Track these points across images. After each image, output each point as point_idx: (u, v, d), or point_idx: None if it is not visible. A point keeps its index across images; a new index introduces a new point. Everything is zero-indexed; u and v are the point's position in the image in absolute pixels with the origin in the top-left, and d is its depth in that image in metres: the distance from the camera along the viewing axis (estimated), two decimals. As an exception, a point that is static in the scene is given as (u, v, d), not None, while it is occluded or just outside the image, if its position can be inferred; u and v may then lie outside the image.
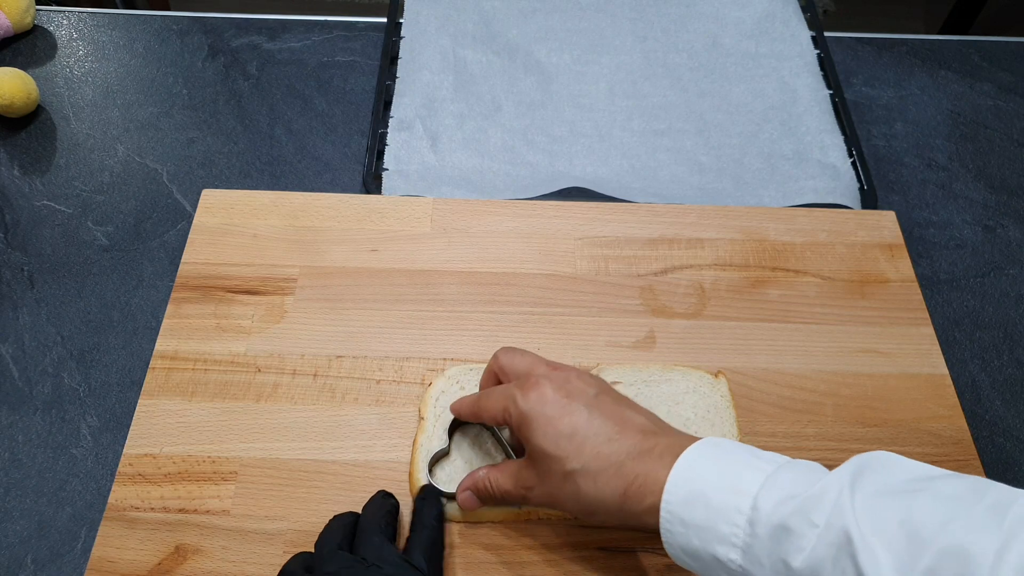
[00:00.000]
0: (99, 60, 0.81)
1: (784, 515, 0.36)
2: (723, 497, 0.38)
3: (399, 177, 0.71)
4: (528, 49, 0.82)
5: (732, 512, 0.38)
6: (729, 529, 0.38)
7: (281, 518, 0.51)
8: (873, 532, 0.34)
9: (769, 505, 0.37)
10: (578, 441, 0.43)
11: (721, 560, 0.38)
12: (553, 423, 0.44)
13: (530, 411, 0.45)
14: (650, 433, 0.43)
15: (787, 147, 0.75)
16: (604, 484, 0.42)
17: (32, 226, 0.68)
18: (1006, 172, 0.75)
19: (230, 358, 0.58)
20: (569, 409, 0.44)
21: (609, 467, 0.42)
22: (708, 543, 0.38)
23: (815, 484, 0.37)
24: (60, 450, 0.56)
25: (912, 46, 0.85)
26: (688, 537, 0.39)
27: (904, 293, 0.63)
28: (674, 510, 0.39)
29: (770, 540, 0.36)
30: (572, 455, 0.43)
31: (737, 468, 0.39)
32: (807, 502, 0.36)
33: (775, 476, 0.38)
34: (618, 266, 0.64)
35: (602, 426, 0.43)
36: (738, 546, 0.37)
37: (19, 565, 0.52)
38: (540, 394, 0.45)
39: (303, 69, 0.81)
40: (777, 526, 0.36)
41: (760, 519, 0.37)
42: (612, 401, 0.45)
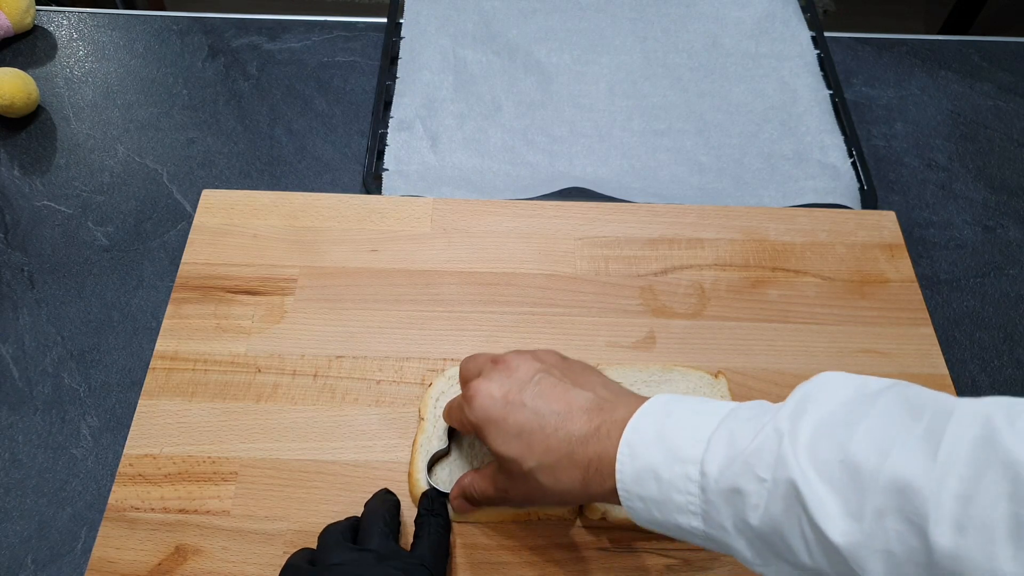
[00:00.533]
0: (99, 60, 0.81)
1: (732, 477, 0.36)
2: (672, 467, 0.38)
3: (399, 177, 0.71)
4: (528, 49, 0.82)
5: (683, 482, 0.37)
6: (684, 499, 0.38)
7: (281, 518, 0.51)
8: (818, 477, 0.33)
9: (715, 469, 0.37)
10: (526, 439, 0.43)
11: (684, 528, 0.38)
12: (500, 426, 0.44)
13: (477, 419, 0.45)
14: (594, 411, 0.42)
15: (787, 147, 0.75)
16: (563, 475, 0.42)
17: (32, 226, 0.68)
18: (1006, 172, 0.75)
19: (230, 358, 0.58)
20: (511, 408, 0.44)
21: (562, 458, 0.42)
22: (669, 514, 0.38)
23: (756, 435, 0.36)
24: (60, 450, 0.56)
25: (912, 46, 0.85)
26: (649, 511, 0.39)
27: (904, 293, 0.63)
28: (629, 488, 0.39)
29: (725, 504, 0.36)
30: (525, 454, 0.43)
31: (679, 433, 0.39)
32: (751, 458, 0.36)
33: (717, 435, 0.37)
34: (618, 266, 0.64)
35: (547, 416, 0.43)
36: (697, 513, 0.37)
37: (19, 565, 0.52)
38: (481, 400, 0.45)
39: (303, 69, 0.81)
40: (728, 489, 0.36)
41: (710, 485, 0.37)
42: (554, 382, 0.44)
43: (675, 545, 0.51)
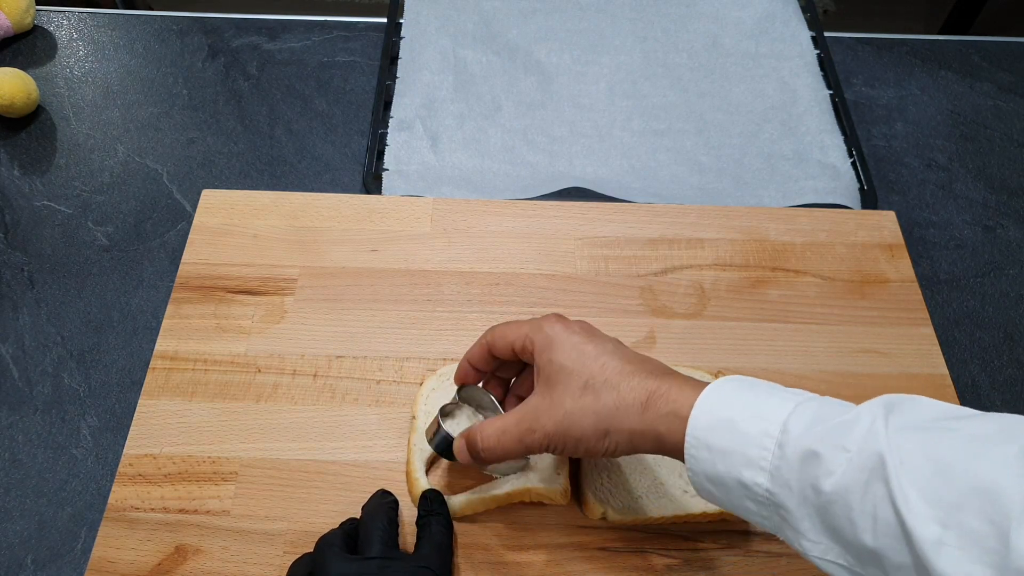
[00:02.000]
0: (99, 60, 0.81)
1: (814, 439, 0.36)
2: (751, 422, 0.38)
3: (399, 177, 0.71)
4: (528, 49, 0.82)
5: (761, 436, 0.38)
6: (757, 453, 0.37)
7: (281, 518, 0.51)
8: (902, 462, 0.34)
9: (799, 429, 0.37)
10: (602, 360, 0.43)
11: (747, 484, 0.38)
12: (578, 347, 0.44)
13: (556, 335, 0.45)
14: (669, 369, 0.44)
15: (787, 147, 0.75)
16: (627, 392, 0.42)
17: (32, 226, 0.68)
18: (1006, 172, 0.75)
19: (230, 358, 0.58)
20: (594, 338, 0.45)
21: (632, 379, 0.42)
22: (734, 467, 0.38)
23: (846, 412, 0.36)
24: (60, 450, 0.56)
25: (912, 46, 0.85)
26: (713, 462, 0.39)
27: (904, 293, 0.63)
28: (700, 435, 0.39)
29: (800, 463, 0.36)
30: (596, 370, 0.43)
31: (765, 397, 0.39)
32: (839, 427, 0.36)
33: (804, 404, 0.38)
34: (618, 266, 0.64)
35: (625, 353, 0.44)
36: (766, 469, 0.37)
37: (19, 565, 0.52)
38: (566, 325, 0.46)
39: (303, 69, 0.81)
40: (807, 450, 0.36)
41: (789, 442, 0.37)
42: (631, 350, 0.46)
43: (675, 545, 0.51)
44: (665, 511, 0.51)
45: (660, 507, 0.51)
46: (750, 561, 0.50)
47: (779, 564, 0.50)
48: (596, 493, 0.51)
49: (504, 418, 0.45)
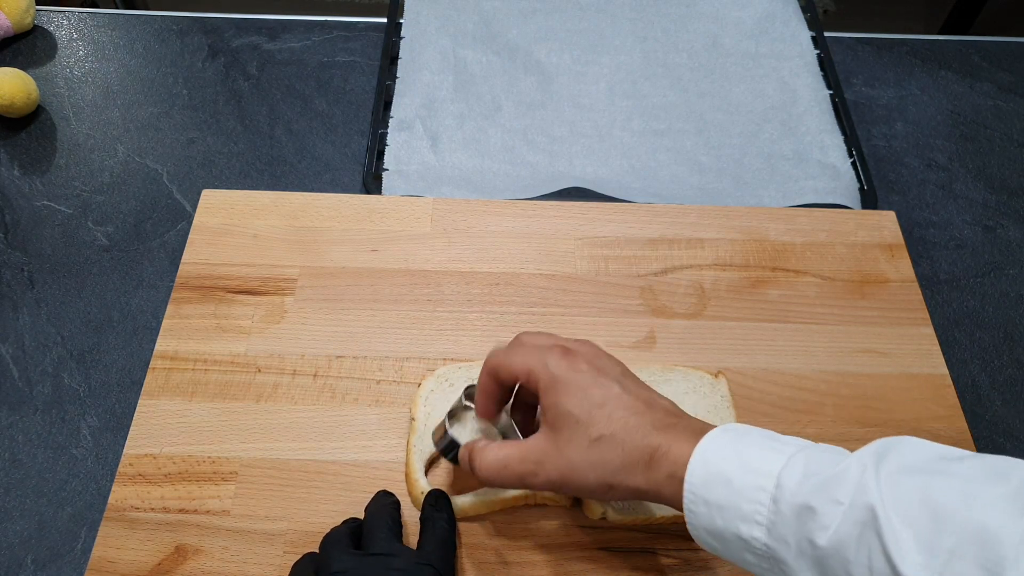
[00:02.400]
0: (99, 60, 0.81)
1: (807, 493, 0.36)
2: (745, 477, 0.38)
3: (399, 177, 0.71)
4: (528, 49, 0.82)
5: (755, 491, 0.38)
6: (752, 508, 0.38)
7: (281, 518, 0.51)
8: (896, 510, 0.34)
9: (792, 483, 0.37)
10: (608, 410, 0.43)
11: (745, 539, 0.38)
12: (585, 390, 0.44)
13: (562, 376, 0.44)
14: (673, 414, 0.44)
15: (787, 147, 0.75)
16: (631, 450, 0.42)
17: (32, 226, 0.68)
18: (1006, 172, 0.75)
19: (230, 358, 0.58)
20: (600, 381, 0.44)
21: (636, 435, 0.42)
22: (731, 522, 0.38)
23: (838, 464, 0.37)
24: (60, 450, 0.56)
25: (912, 46, 0.85)
26: (711, 517, 0.39)
27: (904, 293, 0.63)
28: (696, 491, 0.39)
29: (795, 519, 0.36)
30: (602, 422, 0.43)
31: (758, 450, 0.39)
32: (831, 480, 0.36)
33: (797, 456, 0.38)
34: (618, 266, 0.64)
35: (631, 401, 0.43)
36: (762, 524, 0.38)
37: (19, 565, 0.52)
38: (572, 362, 0.45)
39: (303, 69, 0.81)
40: (801, 505, 0.36)
41: (784, 497, 0.37)
42: (637, 384, 0.46)
43: (675, 545, 0.51)
44: (666, 511, 0.50)
45: (661, 507, 0.51)
46: (750, 561, 0.50)
47: (779, 564, 0.50)
48: None
49: (508, 450, 0.45)
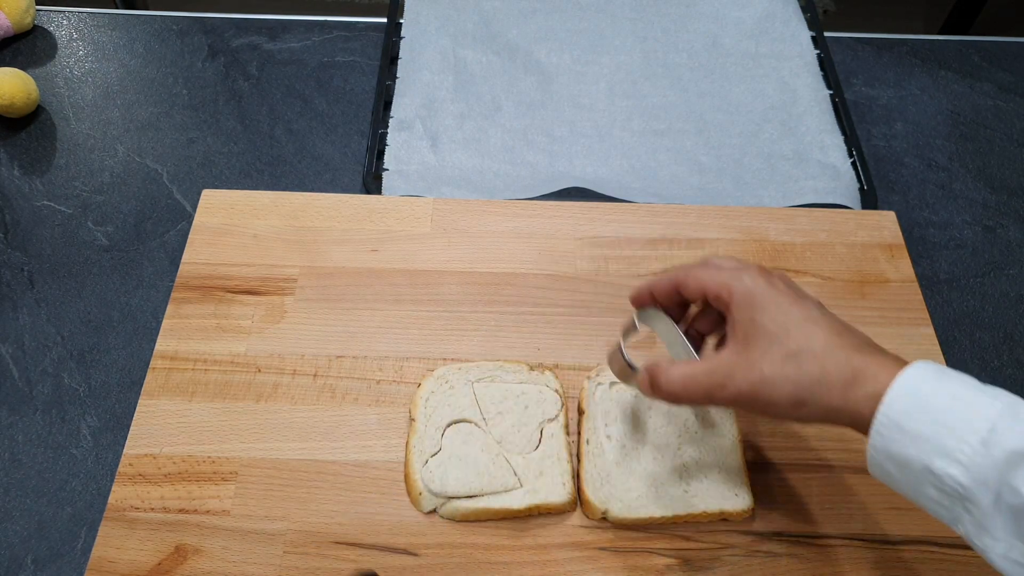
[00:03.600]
0: (99, 60, 0.81)
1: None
2: (957, 414, 0.37)
3: (399, 177, 0.71)
4: (528, 49, 0.82)
5: (964, 429, 0.36)
6: (956, 445, 0.36)
7: (281, 518, 0.51)
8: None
9: (1009, 430, 0.36)
10: (809, 328, 0.42)
11: (936, 473, 0.37)
12: (783, 307, 0.43)
13: (760, 291, 0.44)
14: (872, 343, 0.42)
15: (787, 147, 0.75)
16: (833, 367, 0.40)
17: (32, 226, 0.68)
18: (1006, 172, 0.75)
19: (230, 358, 0.58)
20: (800, 299, 0.43)
21: (840, 353, 0.41)
22: (926, 454, 0.37)
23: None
24: (60, 450, 0.56)
25: (912, 46, 0.85)
26: (903, 444, 0.38)
27: (904, 293, 0.63)
28: (894, 416, 0.38)
29: (1005, 463, 0.35)
30: (801, 338, 0.41)
31: (972, 392, 0.38)
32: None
33: (1016, 406, 0.37)
34: (618, 266, 0.64)
35: (831, 322, 0.43)
36: (962, 463, 0.36)
37: (19, 565, 0.52)
38: (770, 280, 0.44)
39: (303, 69, 0.81)
40: (1016, 452, 0.35)
41: (996, 441, 0.36)
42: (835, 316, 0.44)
43: (675, 545, 0.51)
44: (666, 511, 0.51)
45: (661, 507, 0.51)
46: (750, 561, 0.50)
47: (779, 564, 0.50)
48: (596, 493, 0.51)
49: (693, 365, 0.44)
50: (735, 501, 0.51)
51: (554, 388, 0.56)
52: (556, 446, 0.53)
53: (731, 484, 0.52)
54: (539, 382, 0.56)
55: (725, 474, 0.52)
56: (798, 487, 0.53)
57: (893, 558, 0.51)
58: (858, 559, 0.51)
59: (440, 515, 0.51)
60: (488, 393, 0.55)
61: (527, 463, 0.53)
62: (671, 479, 0.52)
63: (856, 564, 0.50)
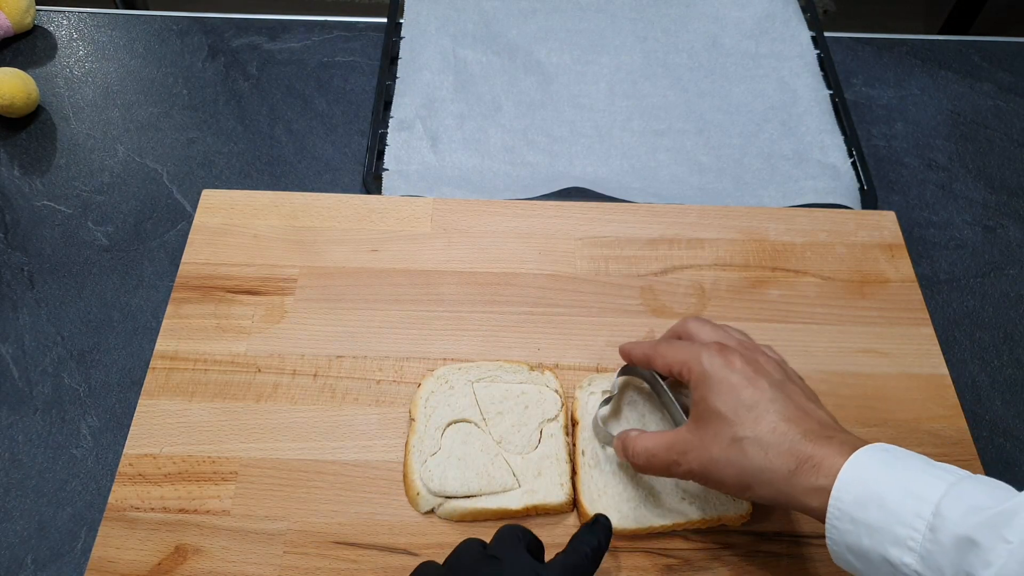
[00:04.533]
0: (99, 60, 0.81)
1: (971, 526, 0.35)
2: (902, 500, 0.37)
3: (399, 177, 0.71)
4: (528, 49, 0.82)
5: (911, 516, 0.37)
6: (906, 532, 0.37)
7: (281, 518, 0.51)
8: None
9: (955, 514, 0.36)
10: (757, 413, 0.42)
11: (893, 563, 0.37)
12: (735, 390, 0.43)
13: (715, 372, 0.44)
14: (828, 426, 0.42)
15: (787, 147, 0.75)
16: (775, 457, 0.41)
17: (32, 226, 0.68)
18: (1006, 172, 0.75)
19: (230, 358, 0.58)
20: (754, 382, 0.44)
21: (784, 442, 0.41)
22: (880, 544, 0.37)
23: (1007, 500, 0.35)
24: (60, 450, 0.56)
25: (912, 46, 0.85)
26: (858, 536, 0.38)
27: (904, 293, 0.63)
28: (844, 508, 0.38)
29: (954, 550, 0.35)
30: (748, 423, 0.42)
31: (916, 474, 0.38)
32: (998, 517, 0.35)
33: (959, 486, 0.37)
34: (618, 266, 0.64)
35: (784, 406, 0.43)
36: (915, 551, 0.36)
37: (19, 565, 0.52)
38: (728, 360, 0.45)
39: (303, 69, 0.81)
40: (963, 537, 0.35)
41: (943, 527, 0.36)
42: (797, 391, 0.45)
43: (675, 545, 0.51)
44: (664, 520, 0.50)
45: (659, 515, 0.51)
46: (750, 561, 0.50)
47: (779, 565, 0.50)
48: (593, 505, 0.51)
49: (656, 440, 0.46)
50: (733, 507, 0.51)
51: (554, 388, 0.56)
52: (555, 446, 0.53)
53: None
54: (539, 382, 0.56)
55: None
56: (798, 487, 0.53)
57: (893, 558, 0.51)
58: (858, 559, 0.51)
59: (438, 515, 0.51)
60: (488, 393, 0.55)
61: (526, 463, 0.52)
62: (668, 488, 0.52)
63: (856, 564, 0.50)
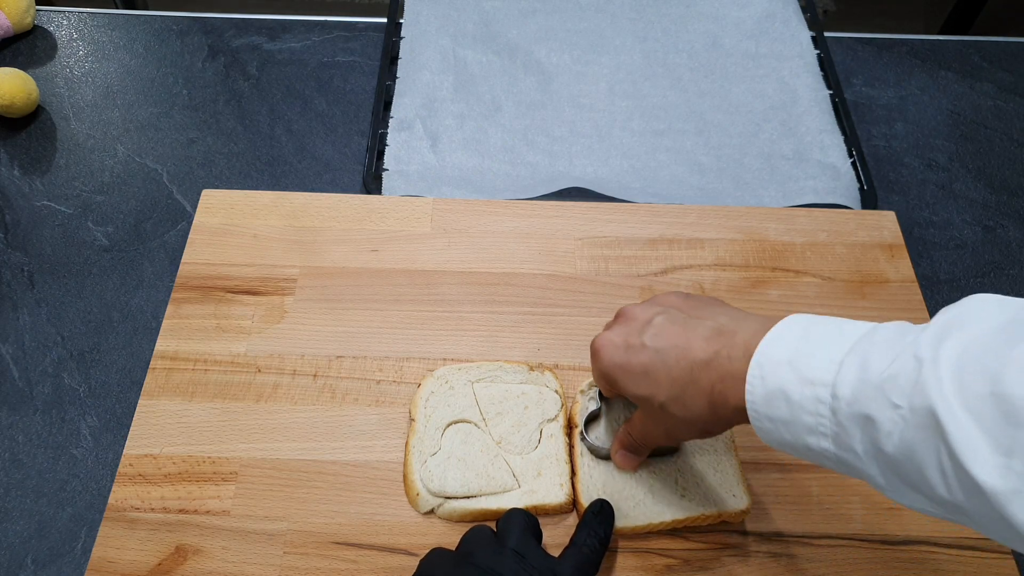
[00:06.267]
0: (99, 60, 0.81)
1: (864, 402, 0.34)
2: (803, 390, 0.37)
3: (399, 177, 0.71)
4: (528, 49, 0.82)
5: (812, 403, 0.36)
6: (814, 420, 0.37)
7: (281, 518, 0.51)
8: (963, 409, 0.31)
9: (847, 392, 0.35)
10: (653, 375, 0.44)
11: (814, 450, 0.37)
12: (626, 369, 0.45)
13: (605, 369, 0.47)
14: (713, 338, 0.42)
15: (787, 147, 0.75)
16: (691, 402, 0.42)
17: (32, 226, 0.68)
18: (1006, 172, 0.75)
19: (230, 358, 0.58)
20: (632, 351, 0.45)
21: (687, 386, 0.42)
22: (798, 435, 0.38)
23: (893, 361, 0.34)
24: (60, 450, 0.56)
25: (912, 46, 0.85)
26: (779, 432, 0.38)
27: (904, 293, 0.63)
28: (759, 408, 0.39)
29: (857, 428, 0.35)
30: (654, 390, 0.44)
31: (812, 355, 0.37)
32: (885, 384, 0.34)
33: (850, 357, 0.36)
34: (618, 266, 0.64)
35: (667, 351, 0.43)
36: (827, 435, 0.36)
37: (19, 565, 0.52)
38: (605, 351, 0.47)
39: (303, 69, 0.81)
40: (859, 414, 0.35)
41: (841, 408, 0.35)
42: (672, 318, 0.45)
43: (675, 545, 0.51)
44: (664, 517, 0.50)
45: (659, 512, 0.51)
46: (750, 561, 0.50)
47: (779, 564, 0.50)
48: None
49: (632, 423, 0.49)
50: (733, 502, 0.51)
51: (554, 388, 0.56)
52: (555, 447, 0.53)
53: (728, 485, 0.52)
54: (539, 382, 0.56)
55: (721, 476, 0.52)
56: (798, 487, 0.53)
57: (893, 558, 0.51)
58: (858, 559, 0.51)
59: (438, 515, 0.51)
60: (488, 393, 0.55)
61: (526, 463, 0.53)
62: (667, 486, 0.52)
63: (856, 564, 0.50)
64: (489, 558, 0.43)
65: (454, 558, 0.44)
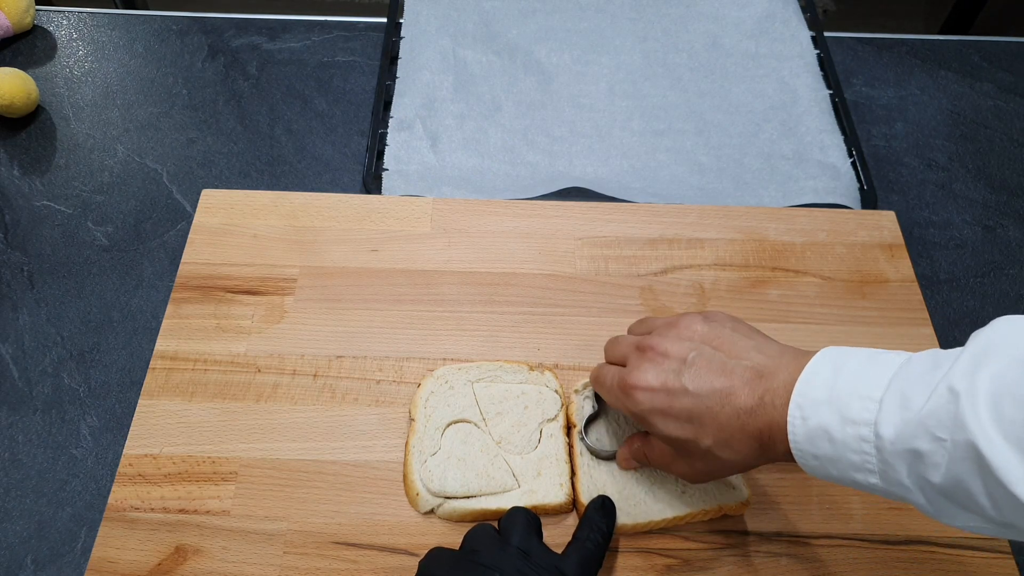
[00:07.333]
0: (99, 60, 0.81)
1: (908, 439, 0.35)
2: (843, 430, 0.38)
3: (399, 177, 0.71)
4: (528, 49, 0.82)
5: (856, 442, 0.37)
6: (860, 458, 0.38)
7: (281, 518, 0.51)
8: (1002, 438, 0.32)
9: (890, 432, 0.36)
10: (696, 422, 0.43)
11: (862, 485, 0.38)
12: (667, 414, 0.45)
13: (642, 411, 0.46)
14: (755, 381, 0.42)
15: (787, 147, 0.75)
16: (740, 447, 0.43)
17: (32, 226, 0.68)
18: (1006, 172, 0.75)
19: (230, 358, 0.58)
20: (674, 396, 0.44)
21: (735, 432, 0.42)
22: (844, 472, 0.39)
23: (930, 396, 0.35)
24: (60, 450, 0.56)
25: (912, 46, 0.85)
26: (825, 468, 0.39)
27: (904, 293, 0.63)
28: (803, 448, 0.39)
29: (903, 463, 0.36)
30: (700, 435, 0.44)
31: (850, 394, 0.38)
32: (926, 419, 0.35)
33: (889, 396, 0.37)
34: (618, 266, 0.64)
35: (711, 396, 0.43)
36: (874, 471, 0.37)
37: (19, 565, 0.52)
38: (642, 395, 0.45)
39: (303, 69, 0.81)
40: (905, 450, 0.36)
41: (885, 447, 0.36)
42: (709, 358, 0.45)
43: (675, 545, 0.51)
44: (664, 513, 0.50)
45: (660, 510, 0.51)
46: (750, 561, 0.50)
47: (779, 564, 0.50)
48: None
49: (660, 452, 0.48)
50: (732, 495, 0.51)
51: (554, 388, 0.56)
52: (555, 446, 0.53)
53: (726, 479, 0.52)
54: (539, 382, 0.56)
55: None
56: (798, 487, 0.53)
57: (893, 558, 0.51)
58: (858, 559, 0.51)
59: (438, 515, 0.52)
60: (488, 393, 0.55)
61: (526, 463, 0.53)
62: (667, 483, 0.52)
63: (856, 564, 0.51)
64: (494, 556, 0.43)
65: (455, 557, 0.44)
